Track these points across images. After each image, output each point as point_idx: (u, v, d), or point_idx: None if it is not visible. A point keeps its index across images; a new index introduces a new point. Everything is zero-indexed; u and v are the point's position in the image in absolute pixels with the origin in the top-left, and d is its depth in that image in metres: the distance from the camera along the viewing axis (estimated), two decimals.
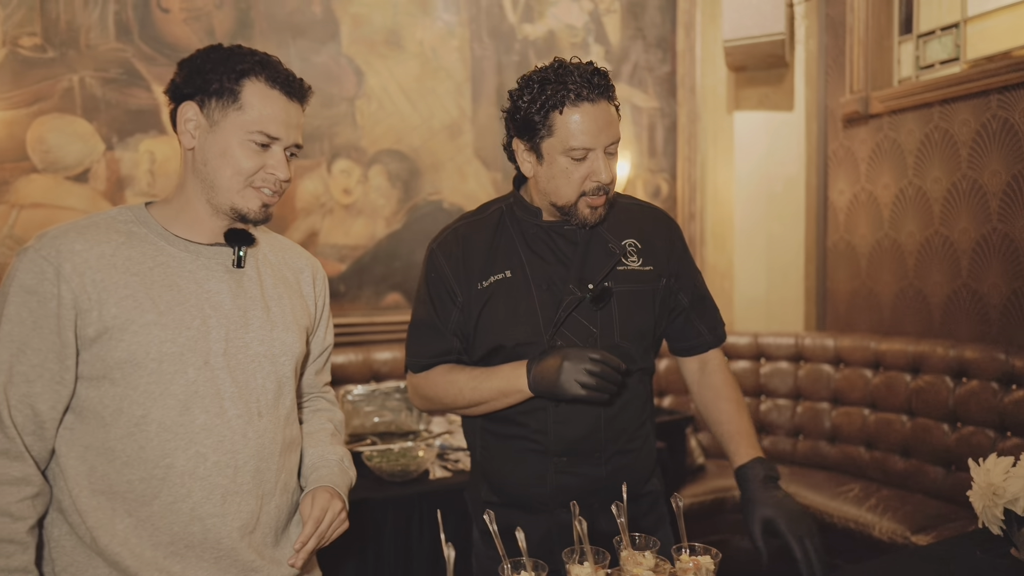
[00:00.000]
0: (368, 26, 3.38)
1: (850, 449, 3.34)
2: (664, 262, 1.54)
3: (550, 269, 1.48)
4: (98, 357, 1.15)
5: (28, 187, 2.78)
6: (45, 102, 2.81)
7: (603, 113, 1.38)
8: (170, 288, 1.20)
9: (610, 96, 1.40)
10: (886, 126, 3.55)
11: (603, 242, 1.49)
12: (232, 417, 1.22)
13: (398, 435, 2.48)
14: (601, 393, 1.36)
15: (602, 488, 1.49)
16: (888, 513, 2.84)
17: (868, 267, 3.65)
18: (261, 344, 1.27)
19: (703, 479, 3.30)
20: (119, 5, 2.91)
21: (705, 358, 1.63)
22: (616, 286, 1.48)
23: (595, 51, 3.91)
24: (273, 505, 1.28)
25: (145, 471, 1.16)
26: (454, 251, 1.52)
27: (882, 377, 3.27)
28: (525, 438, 1.50)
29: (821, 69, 3.87)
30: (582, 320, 1.46)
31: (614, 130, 1.40)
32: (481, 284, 1.49)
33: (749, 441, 1.50)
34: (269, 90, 1.21)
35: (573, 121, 1.37)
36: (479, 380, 1.48)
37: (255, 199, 1.23)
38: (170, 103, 1.25)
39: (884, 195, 3.56)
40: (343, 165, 3.35)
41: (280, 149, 1.24)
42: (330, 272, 3.33)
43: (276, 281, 1.35)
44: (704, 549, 1.28)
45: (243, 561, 1.23)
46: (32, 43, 2.78)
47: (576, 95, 1.36)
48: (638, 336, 1.51)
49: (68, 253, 1.13)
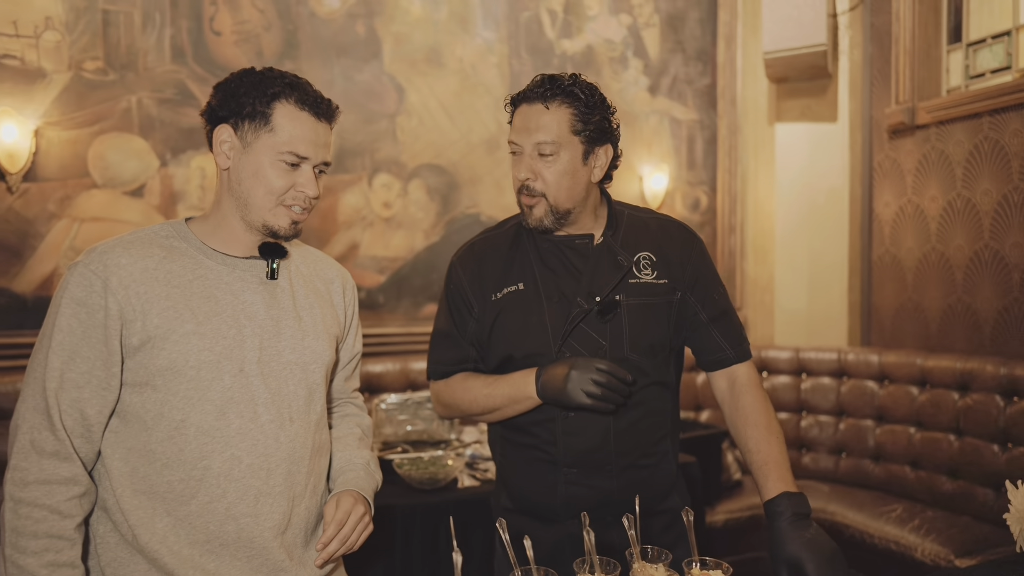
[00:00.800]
0: (409, 44, 3.48)
1: (895, 468, 3.24)
2: (680, 276, 1.54)
3: (561, 282, 1.50)
4: (141, 365, 1.21)
5: (88, 202, 2.95)
6: (105, 122, 2.97)
7: (530, 115, 1.45)
8: (208, 299, 1.26)
9: (529, 100, 1.46)
10: (933, 137, 3.46)
11: (613, 255, 1.50)
12: (265, 422, 1.27)
13: (430, 444, 2.53)
14: (606, 403, 1.38)
15: (614, 501, 1.49)
16: (932, 535, 2.75)
17: (914, 281, 3.56)
18: (293, 352, 1.33)
19: (739, 495, 3.25)
20: (175, 29, 3.07)
21: (734, 375, 1.57)
22: (627, 299, 1.49)
23: (634, 65, 3.92)
24: (303, 507, 1.33)
25: (184, 472, 1.22)
26: (471, 264, 1.57)
27: (929, 394, 3.17)
28: (536, 448, 1.52)
29: (866, 79, 3.80)
30: (591, 332, 1.48)
31: (538, 135, 1.44)
32: (495, 295, 1.53)
33: (779, 473, 1.42)
34: (299, 112, 1.27)
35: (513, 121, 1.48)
36: (492, 387, 1.51)
37: (285, 217, 1.29)
38: (206, 125, 1.31)
39: (931, 207, 3.47)
40: (384, 179, 3.44)
41: (309, 168, 1.29)
42: (369, 283, 3.42)
43: (308, 292, 1.40)
44: (715, 563, 1.28)
45: (274, 561, 1.27)
46: (95, 67, 2.95)
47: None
48: (649, 349, 1.51)
49: (115, 267, 1.20)
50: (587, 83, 1.47)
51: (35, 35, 2.86)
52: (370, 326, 3.36)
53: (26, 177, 2.85)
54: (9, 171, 2.80)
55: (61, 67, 2.90)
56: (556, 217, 1.47)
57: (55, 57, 2.89)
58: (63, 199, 2.91)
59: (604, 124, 1.48)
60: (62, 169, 2.91)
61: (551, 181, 1.44)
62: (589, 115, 1.45)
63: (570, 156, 1.45)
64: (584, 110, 1.44)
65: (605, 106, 1.49)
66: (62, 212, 2.91)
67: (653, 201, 3.97)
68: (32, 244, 2.86)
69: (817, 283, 3.92)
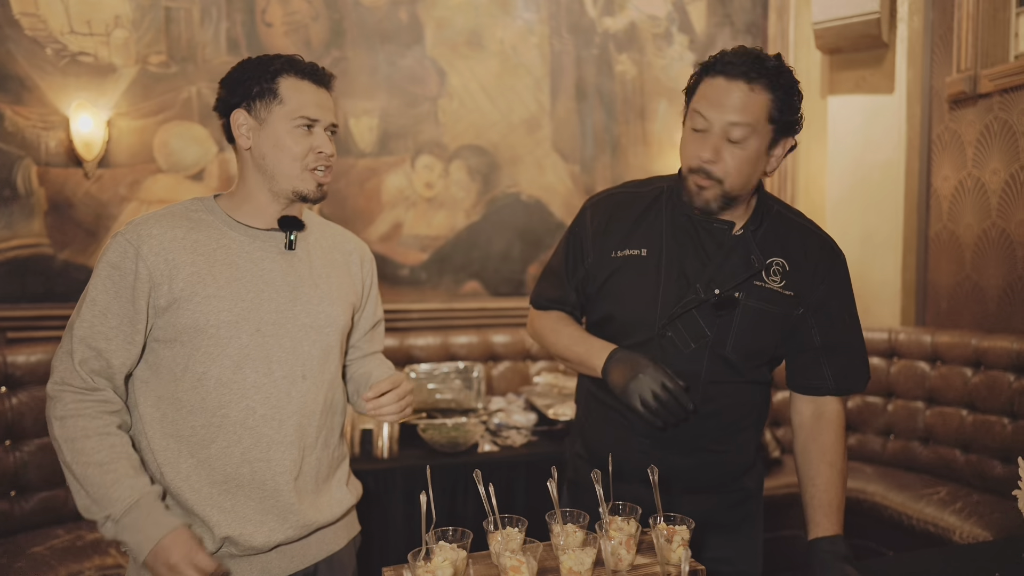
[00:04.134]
0: (451, 28, 3.57)
1: (944, 451, 3.13)
2: (808, 292, 1.46)
3: (686, 260, 1.46)
4: (169, 323, 1.36)
5: (154, 186, 3.20)
6: (169, 111, 3.22)
7: (730, 90, 1.35)
8: (229, 266, 1.39)
9: (746, 76, 1.33)
10: (996, 106, 3.28)
11: (747, 252, 1.44)
12: (279, 377, 1.41)
13: (458, 412, 2.65)
14: (655, 418, 1.36)
15: (683, 477, 1.50)
16: (974, 518, 2.66)
17: (973, 259, 3.40)
18: (308, 316, 1.45)
19: (777, 473, 3.22)
20: (230, 22, 3.28)
21: (822, 406, 1.52)
22: (746, 299, 1.43)
23: (679, 40, 3.88)
24: (314, 457, 1.46)
25: (205, 419, 1.36)
26: (601, 215, 1.54)
27: (982, 377, 3.04)
28: (618, 412, 1.53)
29: (926, 47, 3.63)
30: (699, 320, 1.44)
31: (741, 115, 1.33)
32: (615, 253, 1.50)
33: (837, 517, 1.43)
34: (300, 81, 1.40)
35: (702, 92, 1.40)
36: (573, 341, 1.54)
37: (311, 180, 1.42)
38: (220, 118, 1.44)
39: (993, 181, 3.30)
40: (426, 161, 3.56)
41: (321, 129, 1.42)
42: (412, 261, 3.56)
43: (325, 262, 1.52)
44: (681, 519, 1.33)
45: (285, 502, 1.41)
46: (159, 60, 3.20)
47: (711, 69, 1.38)
48: (750, 354, 1.47)
49: (147, 236, 1.35)
50: (789, 68, 1.38)
51: (106, 33, 3.12)
52: (412, 302, 3.51)
53: (100, 164, 3.12)
54: (86, 158, 3.08)
55: (129, 62, 3.15)
56: (723, 203, 1.39)
57: (124, 53, 3.15)
58: (132, 183, 3.18)
59: (798, 115, 1.39)
60: (131, 156, 3.17)
61: (732, 169, 1.35)
62: (787, 104, 1.35)
63: (758, 144, 1.35)
64: (784, 97, 1.34)
65: (801, 97, 1.39)
66: (132, 195, 3.18)
67: None
68: (106, 225, 3.14)
69: (869, 261, 3.79)
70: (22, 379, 2.60)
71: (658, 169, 3.85)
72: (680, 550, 1.24)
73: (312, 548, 1.48)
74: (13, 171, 3.01)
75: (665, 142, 3.91)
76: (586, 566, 1.20)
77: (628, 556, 1.27)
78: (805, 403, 1.55)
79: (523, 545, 1.27)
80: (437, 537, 1.24)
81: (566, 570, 1.21)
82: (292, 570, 1.45)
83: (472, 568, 1.17)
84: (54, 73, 3.05)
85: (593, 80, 3.78)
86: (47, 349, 2.67)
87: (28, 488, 2.54)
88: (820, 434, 1.50)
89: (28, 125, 3.02)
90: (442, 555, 1.18)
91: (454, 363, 2.88)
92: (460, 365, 2.72)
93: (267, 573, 1.42)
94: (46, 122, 3.05)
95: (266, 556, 1.42)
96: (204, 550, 1.31)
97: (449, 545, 1.22)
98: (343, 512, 1.53)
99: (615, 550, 1.26)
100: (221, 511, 1.37)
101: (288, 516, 1.41)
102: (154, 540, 1.27)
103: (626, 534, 1.30)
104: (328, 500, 1.50)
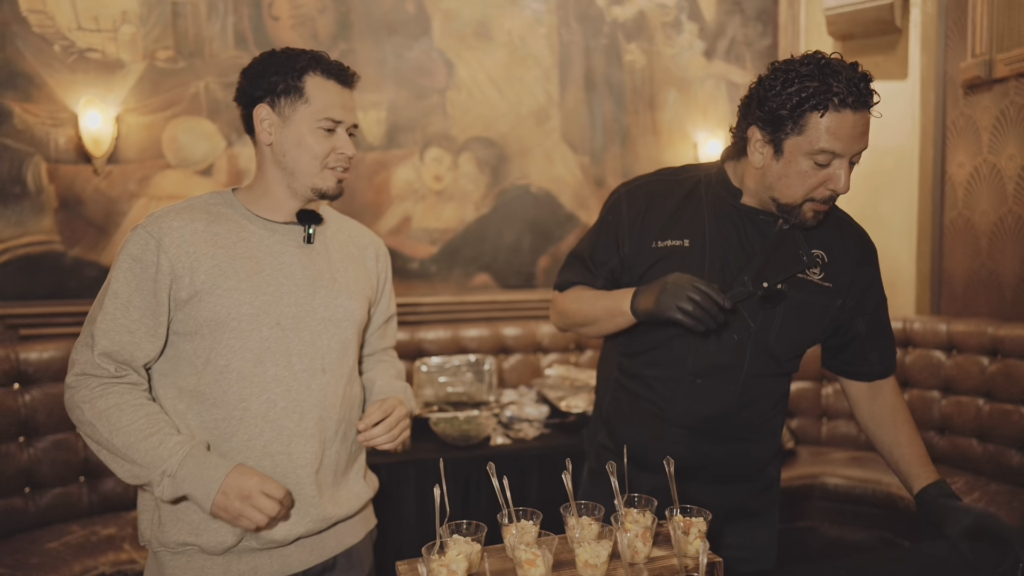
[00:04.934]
0: (458, 20, 3.55)
1: (961, 441, 3.10)
2: (847, 283, 1.49)
3: (730, 251, 1.46)
4: (190, 316, 1.35)
5: (163, 181, 3.20)
6: (177, 107, 3.21)
7: (861, 122, 1.30)
8: (249, 259, 1.39)
9: (871, 104, 1.31)
10: (1012, 91, 3.22)
11: (795, 246, 1.45)
12: (299, 371, 1.40)
13: (470, 404, 2.64)
14: (696, 322, 1.32)
15: (713, 465, 1.51)
16: (992, 508, 2.63)
17: (989, 246, 3.35)
18: (327, 310, 1.45)
19: (792, 464, 3.20)
20: (236, 17, 3.27)
21: (878, 385, 1.58)
22: (790, 292, 1.45)
23: (688, 29, 3.84)
24: (334, 450, 1.46)
25: (226, 412, 1.36)
26: (639, 204, 1.52)
27: (999, 365, 3.00)
28: (652, 402, 1.54)
29: (940, 32, 3.57)
30: (743, 311, 1.45)
31: (866, 140, 1.32)
32: (656, 243, 1.49)
33: (931, 465, 1.49)
34: (326, 81, 1.39)
35: (829, 127, 1.29)
36: (597, 299, 1.51)
37: (332, 178, 1.42)
38: (241, 108, 1.43)
39: (1009, 167, 3.25)
40: (434, 153, 3.55)
41: (343, 131, 1.42)
42: (422, 254, 3.55)
43: (342, 256, 1.52)
44: (698, 511, 1.31)
45: (306, 495, 1.40)
46: (166, 56, 3.19)
47: (840, 101, 1.27)
48: (793, 345, 1.49)
49: (168, 229, 1.34)
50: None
51: (114, 29, 3.11)
52: (422, 295, 3.50)
53: (109, 160, 3.12)
54: (95, 155, 3.08)
55: (137, 57, 3.15)
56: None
57: (131, 48, 3.14)
58: (142, 179, 3.18)
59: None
60: (140, 152, 3.17)
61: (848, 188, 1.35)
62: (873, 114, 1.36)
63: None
64: (873, 111, 1.35)
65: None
66: (141, 191, 3.18)
67: None
68: (116, 221, 3.15)
69: (883, 249, 3.70)
70: (34, 376, 2.61)
71: (668, 159, 3.82)
72: (697, 542, 1.22)
73: (331, 541, 1.48)
74: (23, 168, 3.01)
75: (675, 131, 3.88)
76: (602, 559, 1.19)
77: (644, 548, 1.26)
78: (858, 385, 1.60)
79: (538, 538, 1.26)
80: (451, 530, 1.23)
81: (582, 563, 1.19)
82: (311, 563, 1.45)
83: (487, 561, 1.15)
84: (62, 70, 3.05)
85: (602, 70, 3.75)
86: (59, 346, 2.67)
87: (42, 484, 2.55)
88: (885, 399, 1.56)
89: (37, 122, 3.02)
90: (456, 548, 1.17)
91: (465, 356, 2.87)
92: (471, 358, 2.70)
93: (287, 567, 1.42)
94: (55, 119, 3.05)
95: (286, 549, 1.42)
96: (272, 480, 1.31)
97: (463, 538, 1.21)
98: (361, 505, 1.53)
99: (631, 542, 1.25)
100: None
101: (309, 509, 1.41)
102: (219, 480, 1.27)
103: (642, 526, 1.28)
104: (347, 493, 1.49)
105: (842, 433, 3.48)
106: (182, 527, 1.35)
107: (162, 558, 1.38)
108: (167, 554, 1.37)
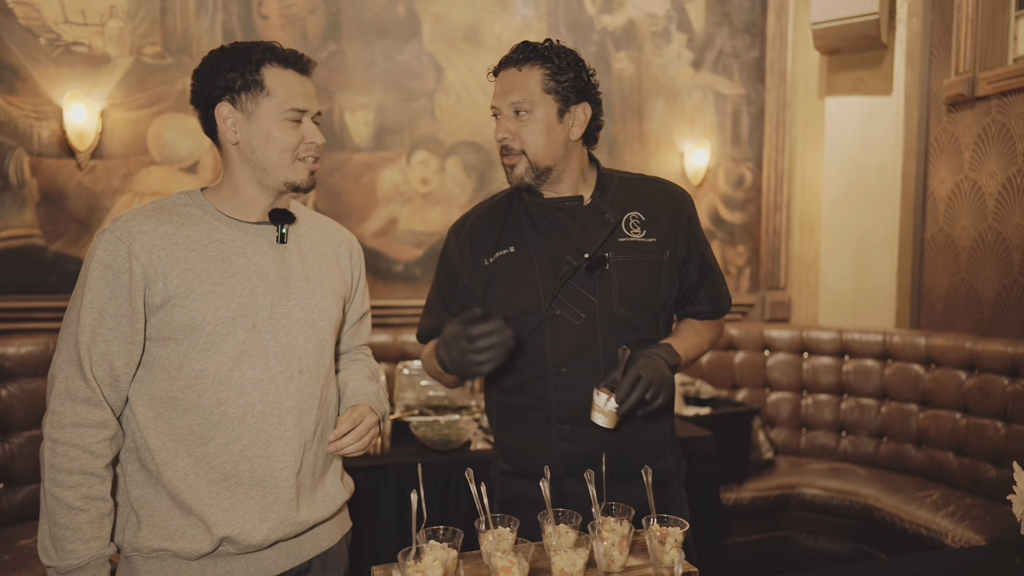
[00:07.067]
0: (448, 24, 3.55)
1: (938, 454, 3.14)
2: (670, 235, 1.58)
3: (552, 243, 1.55)
4: (164, 321, 1.33)
5: (148, 178, 3.18)
6: (163, 103, 3.19)
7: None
8: (223, 262, 1.36)
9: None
10: (994, 109, 3.28)
11: (600, 214, 1.55)
12: (276, 373, 1.38)
13: (450, 409, 2.63)
14: (500, 352, 1.39)
15: (609, 457, 1.52)
16: (967, 522, 2.66)
17: (969, 262, 3.40)
18: (302, 310, 1.43)
19: (770, 474, 3.22)
20: (226, 14, 3.25)
21: (709, 323, 1.72)
22: (616, 256, 1.54)
23: (677, 39, 3.87)
24: (312, 452, 1.44)
25: (202, 417, 1.34)
26: (463, 234, 1.65)
27: (976, 380, 3.04)
28: (530, 407, 1.58)
29: (924, 49, 3.63)
30: (580, 289, 1.53)
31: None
32: (487, 260, 1.59)
33: (676, 341, 1.59)
34: (284, 71, 1.37)
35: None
36: (430, 359, 1.61)
37: (303, 170, 1.40)
38: (199, 111, 1.39)
39: (989, 184, 3.30)
40: (422, 156, 3.54)
41: (309, 119, 1.39)
42: (407, 257, 3.55)
43: (316, 255, 1.50)
44: (675, 520, 1.32)
45: (284, 500, 1.39)
46: (153, 51, 3.17)
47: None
48: (639, 306, 1.55)
49: (138, 233, 1.31)
50: (562, 46, 1.55)
51: (101, 23, 3.09)
52: (406, 298, 3.49)
53: (93, 155, 3.10)
54: (79, 149, 3.05)
55: (123, 52, 3.12)
56: (536, 174, 1.53)
57: (118, 43, 3.12)
58: (126, 175, 3.15)
59: (579, 83, 1.53)
60: (125, 147, 3.15)
61: (528, 139, 1.51)
62: (561, 74, 1.51)
63: (544, 114, 1.51)
64: (556, 69, 1.51)
65: (580, 66, 1.55)
66: (125, 187, 3.15)
67: (694, 178, 3.92)
68: (99, 217, 3.12)
69: (864, 263, 3.79)
70: (12, 371, 2.58)
71: (655, 168, 3.84)
72: (673, 552, 1.23)
73: (307, 545, 1.47)
74: (5, 161, 2.98)
75: (662, 141, 3.90)
76: (578, 567, 1.19)
77: (620, 557, 1.26)
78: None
79: (515, 545, 1.26)
80: (428, 536, 1.22)
81: (558, 571, 1.20)
82: (287, 567, 1.44)
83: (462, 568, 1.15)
84: (48, 63, 3.02)
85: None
86: (38, 341, 2.64)
87: (17, 481, 2.52)
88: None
89: (21, 115, 2.99)
90: (432, 555, 1.17)
91: None
92: None
93: (263, 570, 1.41)
94: (39, 112, 3.02)
95: (263, 554, 1.40)
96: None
97: (440, 544, 1.21)
98: (337, 508, 1.52)
99: (607, 551, 1.25)
100: (220, 510, 1.34)
101: (287, 513, 1.39)
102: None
103: (619, 535, 1.29)
104: (324, 496, 1.48)
105: (820, 444, 3.51)
106: (159, 532, 1.34)
107: (135, 563, 1.36)
108: (140, 559, 1.35)
